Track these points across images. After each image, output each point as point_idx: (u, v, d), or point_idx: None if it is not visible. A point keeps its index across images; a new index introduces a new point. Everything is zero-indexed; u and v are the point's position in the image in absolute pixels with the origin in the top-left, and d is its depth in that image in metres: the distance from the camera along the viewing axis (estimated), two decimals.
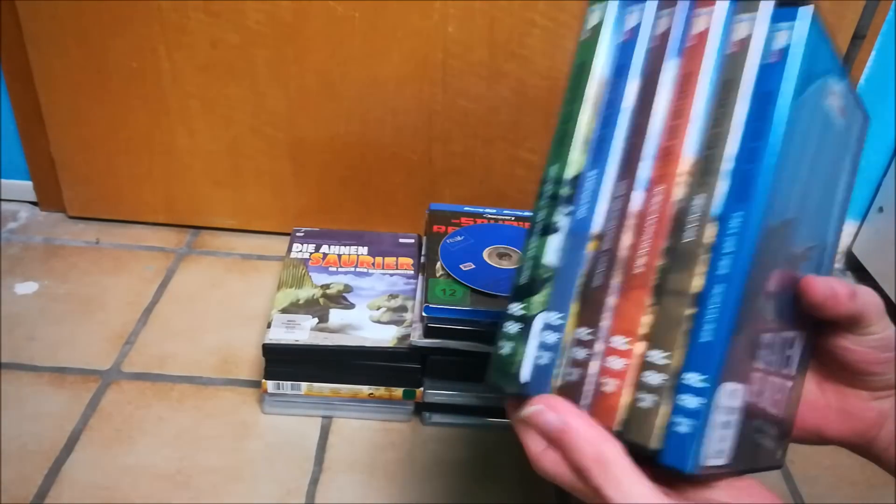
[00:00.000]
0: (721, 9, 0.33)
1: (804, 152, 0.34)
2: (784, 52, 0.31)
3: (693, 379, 0.31)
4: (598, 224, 0.35)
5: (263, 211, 0.92)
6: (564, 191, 0.37)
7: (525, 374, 0.35)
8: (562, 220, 0.36)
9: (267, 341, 0.65)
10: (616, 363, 0.33)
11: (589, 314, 0.34)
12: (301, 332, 0.66)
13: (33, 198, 0.95)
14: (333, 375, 0.66)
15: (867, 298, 0.39)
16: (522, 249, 0.38)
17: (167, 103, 0.84)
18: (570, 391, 0.34)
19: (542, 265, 0.36)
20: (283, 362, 0.65)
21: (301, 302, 0.69)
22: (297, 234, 0.79)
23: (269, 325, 0.66)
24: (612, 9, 0.36)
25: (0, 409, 0.66)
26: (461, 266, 0.68)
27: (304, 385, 0.66)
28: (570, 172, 0.37)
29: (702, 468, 0.31)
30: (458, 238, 0.72)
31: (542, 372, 0.35)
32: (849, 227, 0.95)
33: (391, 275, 0.74)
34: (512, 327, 0.36)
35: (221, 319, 0.79)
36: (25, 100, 0.86)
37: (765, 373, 0.36)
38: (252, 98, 0.83)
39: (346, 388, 0.66)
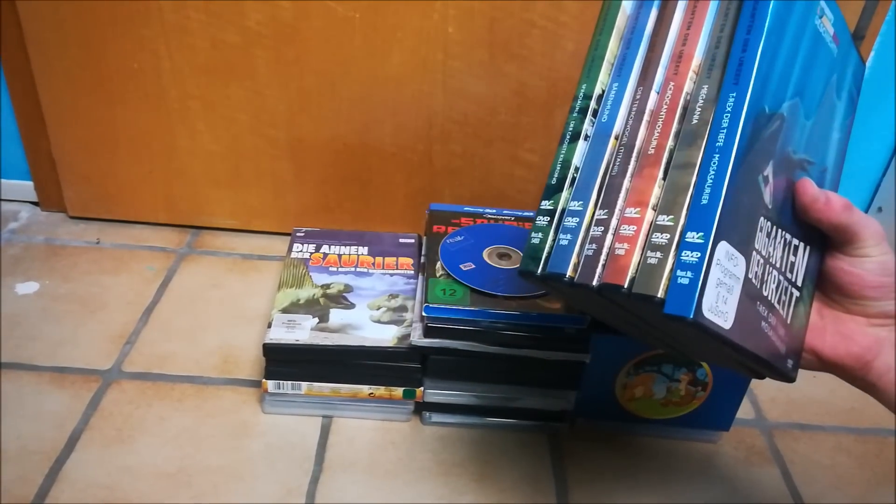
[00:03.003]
0: None
1: (794, 55, 0.40)
2: None
3: (693, 237, 0.36)
4: (619, 126, 0.42)
5: (264, 211, 0.92)
6: (591, 105, 0.43)
7: (547, 255, 0.42)
8: (587, 128, 0.43)
9: (267, 341, 0.65)
10: (628, 230, 0.38)
11: (607, 198, 0.41)
12: (301, 331, 0.66)
13: (34, 198, 0.96)
14: (334, 375, 0.66)
15: (864, 220, 0.41)
16: (555, 155, 0.44)
17: (168, 103, 0.84)
18: (588, 264, 0.40)
19: (569, 165, 0.43)
20: (284, 362, 0.66)
21: (301, 302, 0.69)
22: (298, 234, 0.79)
23: (269, 325, 0.66)
24: None
25: (0, 408, 0.66)
26: (461, 266, 0.68)
27: (304, 385, 0.66)
28: (597, 90, 0.43)
29: (703, 317, 0.35)
30: (458, 238, 0.73)
31: (562, 251, 0.41)
32: None
33: (391, 275, 0.74)
34: (542, 220, 0.43)
35: (222, 319, 0.79)
36: (26, 100, 0.86)
37: (766, 262, 0.40)
38: (252, 98, 0.83)
39: (346, 388, 0.67)
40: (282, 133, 0.86)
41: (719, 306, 0.36)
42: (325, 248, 0.77)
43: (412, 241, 0.79)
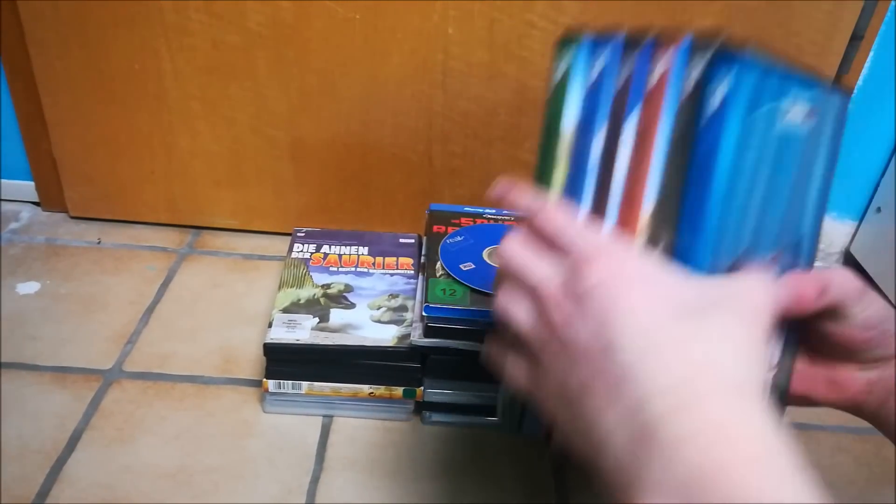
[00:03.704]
0: (672, 60, 0.33)
1: (754, 187, 0.34)
2: (722, 107, 0.32)
3: None
4: None
5: (264, 211, 0.92)
6: None
7: None
8: None
9: (268, 341, 0.65)
10: None
11: None
12: (302, 331, 0.66)
13: (35, 198, 0.96)
14: (334, 375, 0.66)
15: (841, 287, 0.39)
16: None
17: (169, 104, 0.84)
18: None
19: None
20: (284, 361, 0.66)
21: (302, 301, 0.69)
22: (298, 234, 0.79)
23: (269, 325, 0.66)
24: (580, 56, 0.36)
25: (0, 408, 0.66)
26: (461, 266, 0.68)
27: (304, 384, 0.66)
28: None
29: None
30: (458, 238, 0.73)
31: None
32: (847, 228, 0.96)
33: (391, 275, 0.74)
34: None
35: (223, 319, 0.79)
36: (27, 100, 0.87)
37: None
38: (253, 99, 0.83)
39: (346, 388, 0.67)
40: (282, 133, 0.86)
41: None
42: (325, 248, 0.77)
43: (412, 241, 0.79)
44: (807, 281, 0.38)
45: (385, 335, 0.66)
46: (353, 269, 0.74)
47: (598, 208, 0.35)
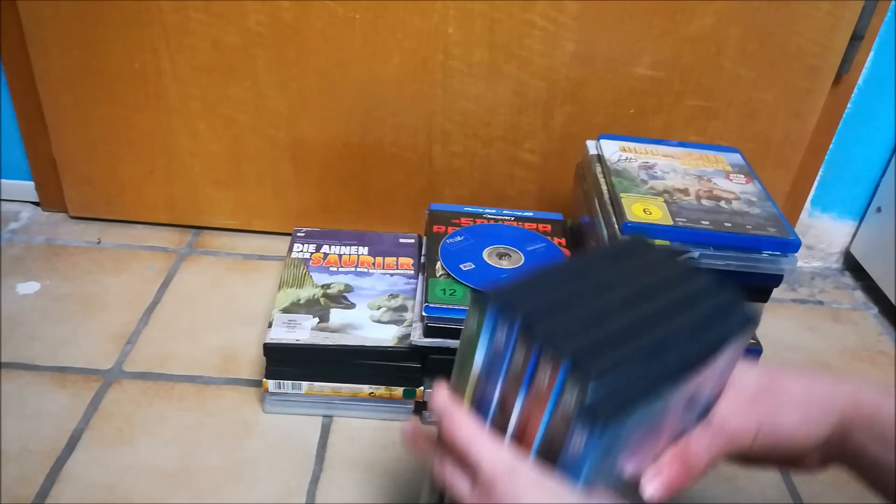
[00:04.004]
0: (555, 375, 0.35)
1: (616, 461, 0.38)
2: (585, 446, 0.35)
3: None
4: None
5: (264, 211, 0.92)
6: None
7: None
8: None
9: (268, 341, 0.65)
10: None
11: None
12: (302, 331, 0.66)
13: (35, 198, 0.96)
14: (334, 375, 0.66)
15: (715, 452, 0.42)
16: None
17: (168, 104, 0.84)
18: None
19: None
20: (284, 362, 0.66)
21: (302, 302, 0.69)
22: (298, 234, 0.79)
23: (270, 325, 0.67)
24: (487, 322, 0.38)
25: (0, 408, 0.66)
26: (461, 266, 0.68)
27: (304, 384, 0.66)
28: None
29: None
30: (458, 238, 0.73)
31: None
32: (847, 228, 0.96)
33: (391, 275, 0.74)
34: None
35: (222, 319, 0.79)
36: (27, 100, 0.87)
37: None
38: (253, 98, 0.83)
39: (346, 388, 0.67)
40: (282, 133, 0.86)
41: None
42: (325, 248, 0.77)
43: (412, 241, 0.79)
44: (669, 466, 0.41)
45: (385, 335, 0.66)
46: (353, 269, 0.74)
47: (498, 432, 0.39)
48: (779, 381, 0.43)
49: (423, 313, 0.63)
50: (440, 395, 0.41)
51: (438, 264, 0.69)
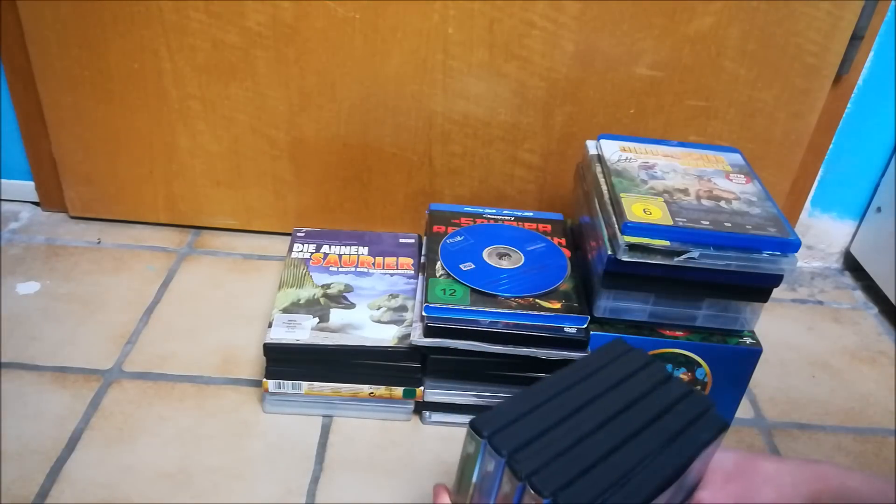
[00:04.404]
0: None
1: None
2: None
3: None
4: None
5: (264, 211, 0.92)
6: None
7: None
8: None
9: (268, 341, 0.65)
10: None
11: None
12: (302, 331, 0.66)
13: (35, 198, 0.96)
14: (334, 375, 0.66)
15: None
16: None
17: (168, 104, 0.84)
18: None
19: None
20: (284, 362, 0.66)
21: (302, 302, 0.69)
22: (298, 234, 0.79)
23: (269, 325, 0.67)
24: (481, 450, 0.43)
25: (0, 408, 0.66)
26: (461, 266, 0.68)
27: (304, 384, 0.66)
28: None
29: None
30: (458, 238, 0.73)
31: None
32: (847, 228, 0.96)
33: (391, 275, 0.74)
34: None
35: (222, 319, 0.79)
36: (27, 100, 0.87)
37: None
38: (253, 99, 0.83)
39: (346, 388, 0.67)
40: (282, 133, 0.86)
41: None
42: (325, 248, 0.77)
43: (412, 241, 0.79)
44: None
45: (385, 335, 0.66)
46: (353, 269, 0.74)
47: None
48: (752, 463, 0.47)
49: (423, 313, 0.63)
50: (441, 496, 0.46)
51: (438, 264, 0.69)
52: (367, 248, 0.77)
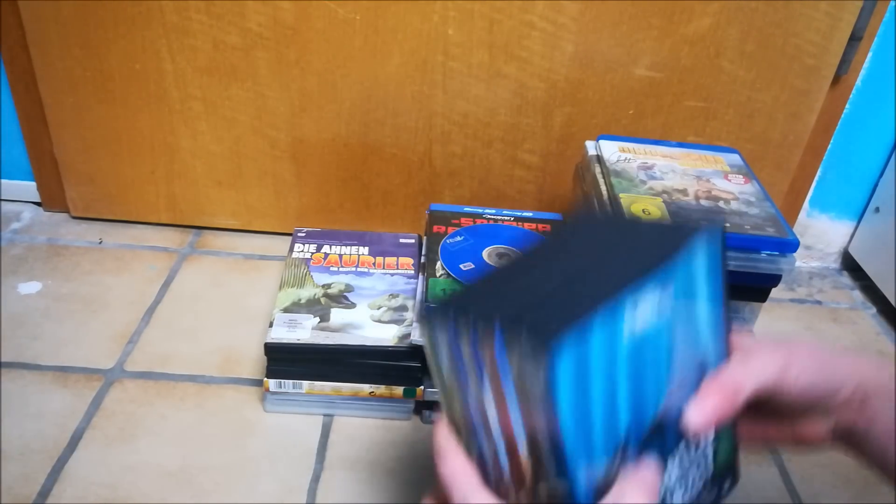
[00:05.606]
0: (494, 352, 0.34)
1: (615, 393, 0.35)
2: (546, 388, 0.32)
3: None
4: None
5: (265, 211, 0.93)
6: None
7: None
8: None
9: (269, 340, 0.65)
10: None
11: None
12: (303, 331, 0.66)
13: (37, 198, 0.96)
14: (335, 374, 0.67)
15: (758, 378, 0.39)
16: None
17: (170, 104, 0.84)
18: None
19: None
20: (285, 361, 0.66)
21: (302, 301, 0.70)
22: (299, 234, 0.79)
23: (270, 325, 0.67)
24: (435, 330, 0.37)
25: (0, 407, 0.66)
26: (461, 266, 0.68)
27: (305, 384, 0.67)
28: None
29: None
30: (458, 238, 0.73)
31: None
32: (845, 228, 0.96)
33: (392, 274, 0.74)
34: None
35: (224, 319, 0.80)
36: (29, 101, 0.87)
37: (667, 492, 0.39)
38: (254, 99, 0.83)
39: (347, 387, 0.67)
40: (283, 134, 0.86)
41: None
42: (325, 248, 0.77)
43: (412, 241, 0.79)
44: (714, 395, 0.39)
45: (385, 335, 0.66)
46: (353, 269, 0.75)
47: (491, 452, 0.37)
48: (798, 345, 0.42)
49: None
50: (439, 433, 0.40)
51: (438, 264, 0.69)
52: (367, 248, 0.77)
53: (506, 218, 0.78)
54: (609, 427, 0.35)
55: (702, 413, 0.38)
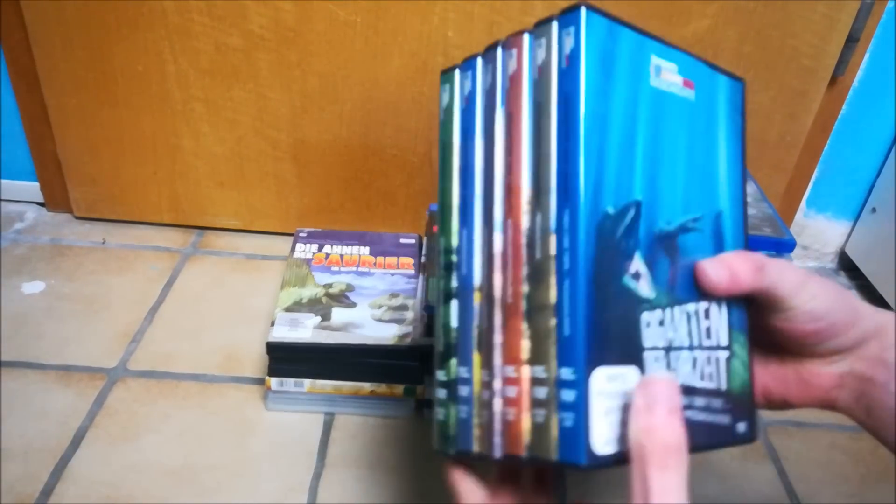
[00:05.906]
0: (524, 42, 0.37)
1: (634, 137, 0.36)
2: (572, 54, 0.34)
3: (566, 374, 0.32)
4: (478, 276, 0.38)
5: (267, 211, 0.93)
6: (453, 258, 0.39)
7: (454, 432, 0.38)
8: (455, 285, 0.39)
9: (271, 339, 0.66)
10: (511, 391, 0.35)
11: (486, 357, 0.37)
12: (304, 330, 0.67)
13: (40, 198, 0.96)
14: (336, 373, 0.67)
15: (778, 274, 0.38)
16: (437, 319, 0.40)
17: (172, 105, 0.85)
18: (486, 433, 0.36)
19: (450, 329, 0.39)
20: (287, 360, 0.66)
21: (304, 301, 0.70)
22: (300, 234, 0.80)
23: (272, 324, 0.67)
24: (458, 84, 0.39)
25: (1, 407, 0.67)
26: None
27: (306, 382, 0.67)
28: (454, 241, 0.39)
29: (598, 458, 0.31)
30: None
31: (463, 425, 0.37)
32: (842, 228, 0.96)
33: (392, 274, 0.75)
34: (441, 393, 0.39)
35: (226, 318, 0.80)
36: (32, 101, 0.87)
37: (668, 350, 0.36)
38: (255, 100, 0.84)
39: (348, 385, 0.67)
40: (284, 135, 0.87)
41: (617, 433, 0.32)
42: (327, 248, 0.78)
43: (413, 241, 0.80)
44: (741, 259, 0.38)
45: (386, 334, 0.67)
46: (354, 268, 0.75)
47: (487, 208, 0.38)
48: (820, 276, 0.41)
49: (423, 312, 0.64)
50: (452, 474, 0.40)
51: None
52: (368, 248, 0.78)
53: None
54: (622, 175, 0.35)
55: (723, 266, 0.38)
